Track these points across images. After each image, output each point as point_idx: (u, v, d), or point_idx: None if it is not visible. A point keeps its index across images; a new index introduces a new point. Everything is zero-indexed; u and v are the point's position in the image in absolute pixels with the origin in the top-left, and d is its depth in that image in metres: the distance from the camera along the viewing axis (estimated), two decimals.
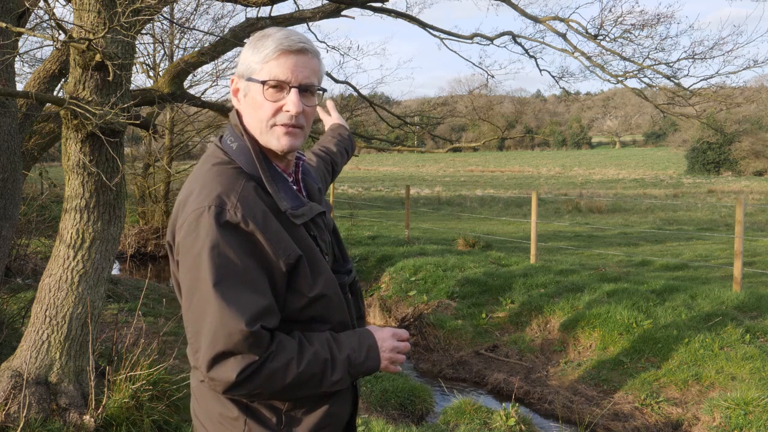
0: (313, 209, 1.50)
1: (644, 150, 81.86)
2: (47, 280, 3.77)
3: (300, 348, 1.39)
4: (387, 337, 1.51)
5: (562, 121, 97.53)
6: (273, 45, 1.42)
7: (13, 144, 4.29)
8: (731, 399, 4.97)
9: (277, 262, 1.36)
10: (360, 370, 1.46)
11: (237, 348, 1.31)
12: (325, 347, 1.42)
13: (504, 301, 7.87)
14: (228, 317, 1.29)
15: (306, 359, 1.37)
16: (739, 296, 7.00)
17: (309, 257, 1.43)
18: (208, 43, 8.29)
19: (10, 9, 4.20)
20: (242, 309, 1.30)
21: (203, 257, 1.32)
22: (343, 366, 1.42)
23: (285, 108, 1.43)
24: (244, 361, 1.32)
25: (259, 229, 1.35)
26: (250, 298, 1.32)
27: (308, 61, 1.45)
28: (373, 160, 73.08)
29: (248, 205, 1.36)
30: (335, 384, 1.42)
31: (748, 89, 14.67)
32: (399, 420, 5.15)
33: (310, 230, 1.48)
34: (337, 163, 2.23)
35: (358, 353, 1.45)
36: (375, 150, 39.42)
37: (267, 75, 1.43)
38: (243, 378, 1.32)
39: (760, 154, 46.99)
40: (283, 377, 1.35)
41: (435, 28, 8.72)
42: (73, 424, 3.62)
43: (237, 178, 1.41)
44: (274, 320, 1.36)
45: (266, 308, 1.34)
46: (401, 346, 1.52)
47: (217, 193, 1.37)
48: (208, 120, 15.87)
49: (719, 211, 20.69)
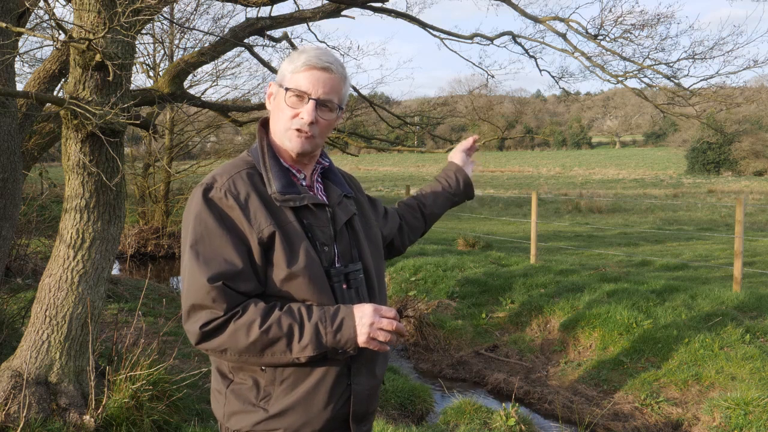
0: (305, 198, 1.60)
1: (644, 150, 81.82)
2: (47, 280, 3.76)
3: (266, 311, 1.50)
4: (368, 312, 1.51)
5: (562, 121, 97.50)
6: (304, 59, 1.60)
7: (13, 144, 4.29)
8: (731, 399, 4.97)
9: (251, 235, 1.52)
10: (331, 339, 1.49)
11: (202, 302, 1.48)
12: (294, 314, 1.50)
13: (504, 301, 7.86)
14: (197, 273, 1.48)
15: (270, 321, 1.48)
16: (739, 296, 7.00)
17: (285, 235, 1.54)
18: (208, 43, 8.28)
19: (10, 9, 4.20)
20: (208, 267, 1.48)
21: (189, 224, 1.55)
22: (311, 332, 1.48)
23: (301, 115, 1.60)
24: (209, 316, 1.48)
25: (238, 206, 1.53)
26: (217, 260, 1.49)
27: (331, 78, 1.61)
28: (373, 160, 73.09)
29: (234, 185, 1.56)
30: (304, 349, 1.48)
31: (748, 89, 14.64)
32: (399, 420, 5.15)
33: (304, 217, 1.60)
34: (407, 227, 2.11)
35: (330, 322, 1.50)
36: (375, 150, 39.39)
37: (292, 84, 1.61)
38: (206, 331, 1.48)
39: (760, 154, 47.00)
40: (245, 335, 1.47)
41: (435, 28, 8.71)
42: (73, 424, 3.62)
43: (239, 166, 1.62)
44: (246, 286, 1.51)
45: (234, 272, 1.49)
46: (384, 322, 1.50)
47: (213, 174, 1.61)
48: (208, 120, 15.85)
49: (719, 211, 20.69)
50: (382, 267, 1.81)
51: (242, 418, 1.58)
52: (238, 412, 1.59)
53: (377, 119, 11.41)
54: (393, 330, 1.51)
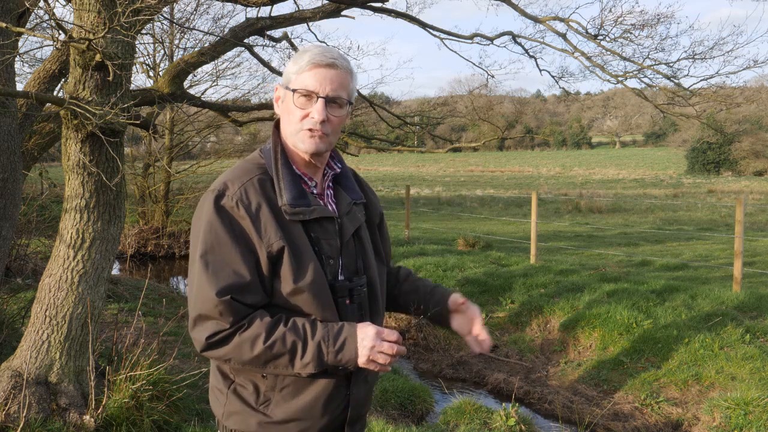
0: (314, 212, 1.58)
1: (644, 150, 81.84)
2: (47, 280, 3.76)
3: (271, 326, 1.50)
4: (370, 335, 1.50)
5: (562, 121, 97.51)
6: (307, 58, 1.57)
7: (13, 144, 4.29)
8: (731, 399, 4.97)
9: (260, 248, 1.51)
10: (333, 358, 1.50)
11: (210, 313, 1.48)
12: (298, 330, 1.50)
13: (504, 301, 7.87)
14: (206, 284, 1.48)
15: (274, 337, 1.48)
16: (739, 296, 7.00)
17: (294, 251, 1.53)
18: (208, 43, 8.28)
19: (10, 9, 4.20)
20: (217, 280, 1.47)
21: (199, 230, 1.53)
22: (313, 350, 1.49)
23: (311, 115, 1.57)
24: (215, 327, 1.48)
25: (249, 217, 1.51)
26: (227, 273, 1.48)
27: (338, 75, 1.58)
28: (373, 160, 73.10)
29: (246, 194, 1.53)
30: (306, 366, 1.49)
31: (748, 89, 14.65)
32: (399, 420, 5.15)
33: (312, 230, 1.58)
34: None
35: (332, 341, 1.50)
36: (375, 150, 39.37)
37: (299, 85, 1.57)
38: (212, 342, 1.49)
39: (760, 154, 47.01)
40: (250, 349, 1.48)
41: (435, 28, 8.72)
42: (73, 424, 3.62)
43: (251, 171, 1.59)
44: (253, 298, 1.50)
45: (242, 285, 1.49)
46: (385, 346, 1.50)
47: (224, 180, 1.56)
48: (208, 120, 15.85)
49: (719, 211, 20.70)
50: (384, 275, 1.79)
51: (241, 420, 1.59)
52: (237, 413, 1.60)
53: (377, 119, 11.41)
54: (394, 354, 1.51)
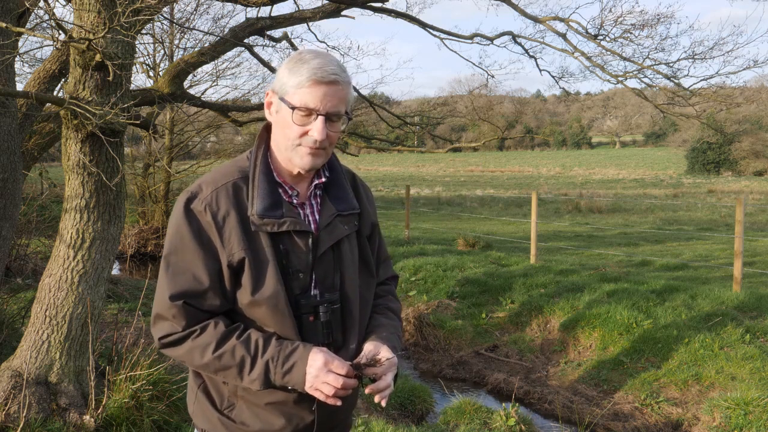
0: (284, 224, 1.53)
1: (644, 150, 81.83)
2: (47, 280, 3.76)
3: (223, 337, 1.50)
4: (317, 364, 1.46)
5: (562, 121, 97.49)
6: (307, 74, 1.50)
7: (13, 144, 4.29)
8: (731, 399, 4.97)
9: (223, 256, 1.51)
10: (280, 379, 1.49)
11: (165, 314, 1.51)
12: (249, 345, 1.50)
13: (504, 301, 7.86)
14: (164, 286, 1.51)
15: (223, 349, 1.49)
16: (739, 296, 7.00)
17: (255, 262, 1.51)
18: (208, 43, 8.28)
19: (10, 9, 4.20)
20: (174, 283, 1.50)
21: (169, 232, 1.55)
22: (261, 369, 1.49)
23: (310, 133, 1.53)
24: (169, 329, 1.51)
25: (215, 223, 1.51)
26: (186, 277, 1.50)
27: (338, 90, 1.53)
28: (373, 160, 73.08)
29: (217, 199, 1.52)
30: (253, 382, 1.50)
31: (748, 89, 14.66)
32: (399, 420, 5.15)
33: (281, 242, 1.54)
34: None
35: (281, 363, 1.48)
36: (375, 150, 39.33)
37: (298, 101, 1.51)
38: (165, 342, 1.52)
39: (760, 154, 47.01)
40: (200, 356, 1.50)
41: (435, 28, 8.72)
42: (73, 424, 3.62)
43: (230, 175, 1.57)
44: (211, 303, 1.51)
45: (198, 291, 1.50)
46: (330, 378, 1.45)
47: (200, 183, 1.57)
48: (208, 120, 15.85)
49: (719, 211, 20.70)
50: (371, 288, 1.71)
51: (206, 421, 1.62)
52: (203, 413, 1.63)
53: (377, 119, 11.41)
54: (339, 388, 1.46)
